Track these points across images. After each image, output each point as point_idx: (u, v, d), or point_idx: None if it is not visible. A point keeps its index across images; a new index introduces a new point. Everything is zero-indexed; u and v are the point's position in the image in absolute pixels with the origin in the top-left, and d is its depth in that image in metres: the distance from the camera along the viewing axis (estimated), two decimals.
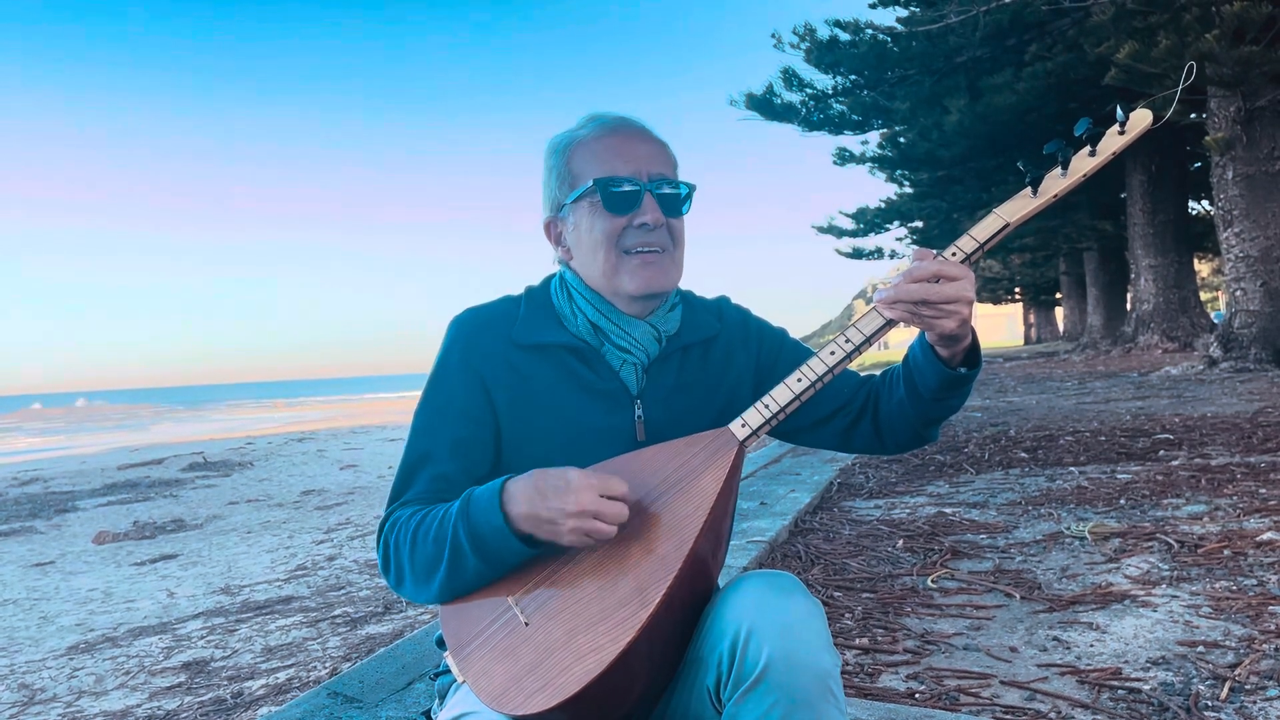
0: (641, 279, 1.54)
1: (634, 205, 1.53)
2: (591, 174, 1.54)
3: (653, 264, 1.55)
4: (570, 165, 1.58)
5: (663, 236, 1.56)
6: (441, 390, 1.56)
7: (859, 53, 20.00)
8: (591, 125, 1.60)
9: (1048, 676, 2.57)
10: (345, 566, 5.31)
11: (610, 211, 1.53)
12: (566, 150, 1.60)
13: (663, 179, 1.57)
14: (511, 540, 1.33)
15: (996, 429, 8.70)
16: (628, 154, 1.56)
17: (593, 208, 1.55)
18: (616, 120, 1.60)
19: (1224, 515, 4.36)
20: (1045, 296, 50.84)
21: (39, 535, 7.45)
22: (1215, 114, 14.95)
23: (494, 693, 1.28)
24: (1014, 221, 1.42)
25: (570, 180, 1.58)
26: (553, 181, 1.62)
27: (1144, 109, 1.43)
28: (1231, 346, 14.55)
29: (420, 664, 2.61)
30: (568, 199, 1.58)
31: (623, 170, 1.54)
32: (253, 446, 16.25)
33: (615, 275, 1.55)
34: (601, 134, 1.58)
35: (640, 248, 1.54)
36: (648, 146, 1.58)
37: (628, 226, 1.54)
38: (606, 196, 1.53)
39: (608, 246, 1.54)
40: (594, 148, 1.57)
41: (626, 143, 1.57)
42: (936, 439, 1.66)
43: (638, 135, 1.59)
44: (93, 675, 3.55)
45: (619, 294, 1.57)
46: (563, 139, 1.62)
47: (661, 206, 1.55)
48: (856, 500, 5.54)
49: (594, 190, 1.53)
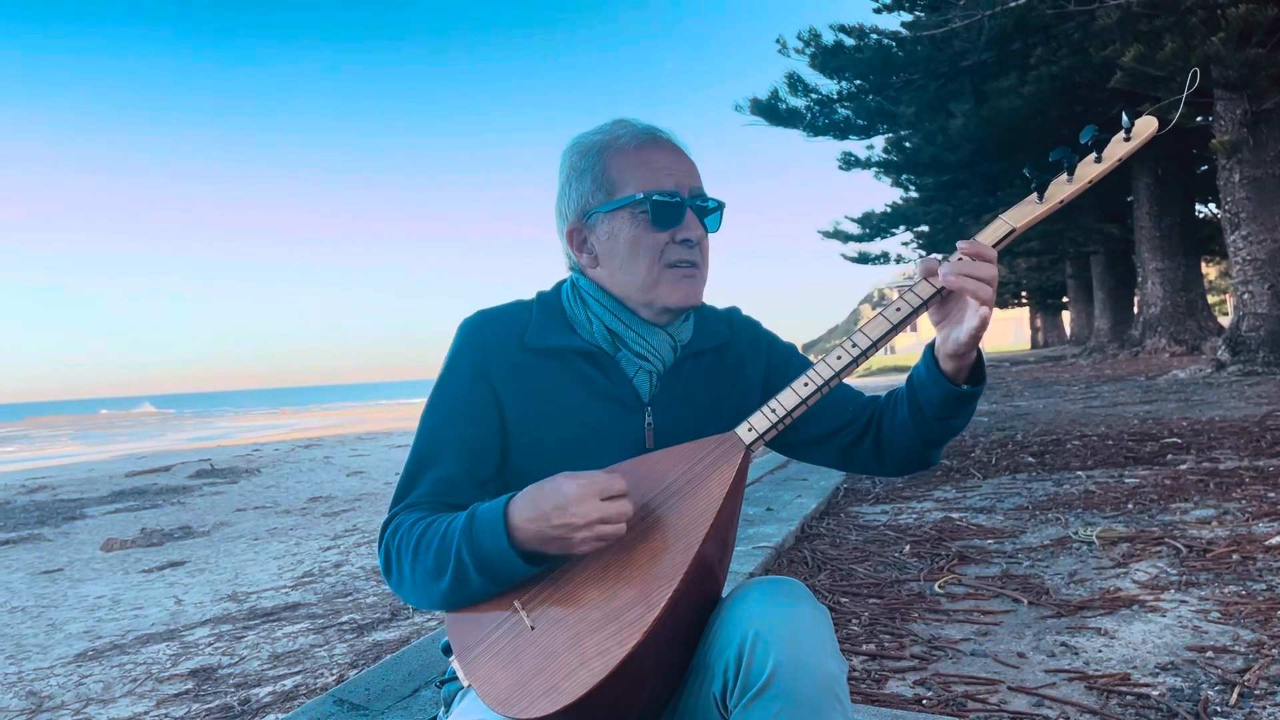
0: (682, 293, 1.54)
1: (678, 220, 1.53)
2: (636, 184, 1.53)
3: (692, 278, 1.55)
4: (609, 171, 1.55)
5: (699, 253, 1.56)
6: (449, 392, 1.55)
7: (864, 57, 20.03)
8: (628, 132, 1.57)
9: (1056, 682, 2.56)
10: (352, 573, 5.31)
11: (656, 226, 1.52)
12: (603, 154, 1.57)
13: (700, 194, 1.57)
14: (516, 561, 1.32)
15: (1003, 433, 8.68)
16: (670, 167, 1.55)
17: (635, 219, 1.53)
18: (653, 130, 1.59)
19: (1233, 519, 4.34)
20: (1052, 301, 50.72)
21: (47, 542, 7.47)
22: (1222, 117, 14.93)
23: (499, 697, 1.28)
24: (1020, 227, 1.43)
25: (609, 187, 1.55)
26: (584, 185, 1.58)
27: (1149, 116, 1.43)
28: (1239, 350, 14.51)
29: (426, 671, 2.61)
30: (601, 206, 1.56)
31: (667, 184, 1.53)
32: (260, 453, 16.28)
33: (655, 288, 1.54)
34: (642, 143, 1.56)
35: (681, 262, 1.54)
36: (685, 160, 1.58)
37: (670, 242, 1.53)
38: (655, 209, 1.52)
39: (651, 260, 1.53)
40: (635, 157, 1.55)
41: (667, 155, 1.56)
42: (937, 462, 1.65)
43: (675, 148, 1.59)
44: (100, 682, 3.56)
45: (652, 305, 1.56)
46: (595, 142, 1.59)
47: (700, 221, 1.56)
48: (863, 506, 5.53)
49: (643, 202, 1.52)
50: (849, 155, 25.37)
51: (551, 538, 1.30)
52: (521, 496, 1.35)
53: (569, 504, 1.28)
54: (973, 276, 1.37)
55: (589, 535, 1.29)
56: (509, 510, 1.34)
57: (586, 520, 1.27)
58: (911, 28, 20.24)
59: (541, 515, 1.30)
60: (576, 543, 1.29)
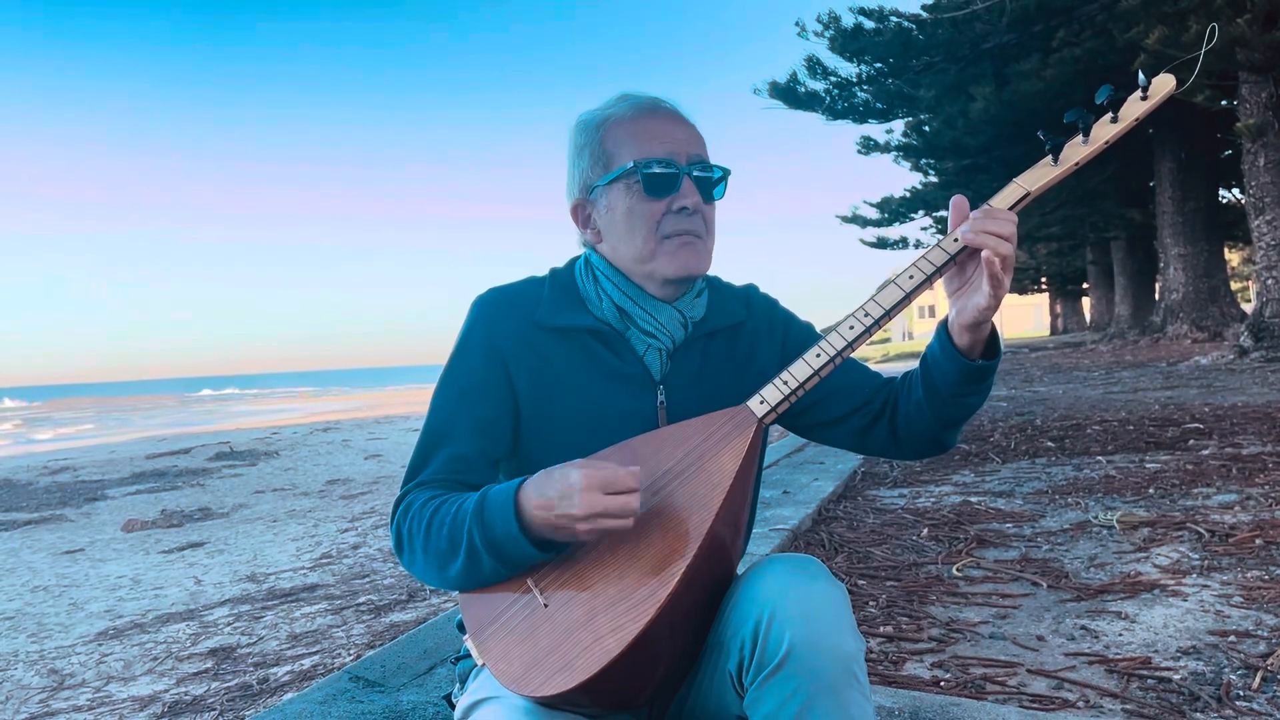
0: (679, 261, 1.51)
1: (673, 188, 1.51)
2: (629, 155, 1.51)
3: (690, 244, 1.52)
4: (605, 145, 1.54)
5: (698, 222, 1.53)
6: (462, 369, 1.55)
7: (884, 40, 19.84)
8: (626, 104, 1.56)
9: (1076, 665, 2.54)
10: (370, 555, 5.33)
11: (649, 195, 1.50)
12: (600, 129, 1.55)
13: (700, 161, 1.54)
14: (527, 546, 1.31)
15: (1023, 418, 8.62)
16: (665, 135, 1.52)
17: (629, 190, 1.51)
18: (652, 100, 1.57)
19: (1255, 505, 4.30)
20: (1072, 286, 50.30)
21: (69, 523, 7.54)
22: (1246, 100, 14.73)
23: (514, 675, 1.28)
24: (1034, 190, 1.40)
25: (605, 160, 1.54)
26: (584, 160, 1.57)
27: (1166, 74, 1.40)
28: (1263, 336, 14.35)
29: (442, 649, 2.62)
30: (600, 180, 1.55)
31: (660, 152, 1.51)
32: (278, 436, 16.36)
33: (653, 258, 1.52)
34: (638, 114, 1.54)
35: (678, 232, 1.51)
36: (685, 128, 1.55)
37: (667, 211, 1.51)
38: (647, 179, 1.50)
39: (647, 230, 1.51)
40: (630, 128, 1.53)
41: (664, 123, 1.54)
42: (953, 445, 1.62)
43: (674, 116, 1.56)
44: (121, 661, 3.59)
45: (653, 277, 1.54)
46: (594, 116, 1.57)
47: (699, 190, 1.53)
48: (881, 489, 5.51)
49: (634, 172, 1.50)
50: (868, 139, 25.20)
51: (555, 525, 1.29)
52: (532, 481, 1.33)
53: (572, 493, 1.26)
54: (993, 234, 1.34)
55: (589, 527, 1.27)
56: (520, 495, 1.33)
57: (586, 513, 1.26)
58: (932, 10, 20.02)
59: (547, 502, 1.29)
60: (579, 533, 1.28)
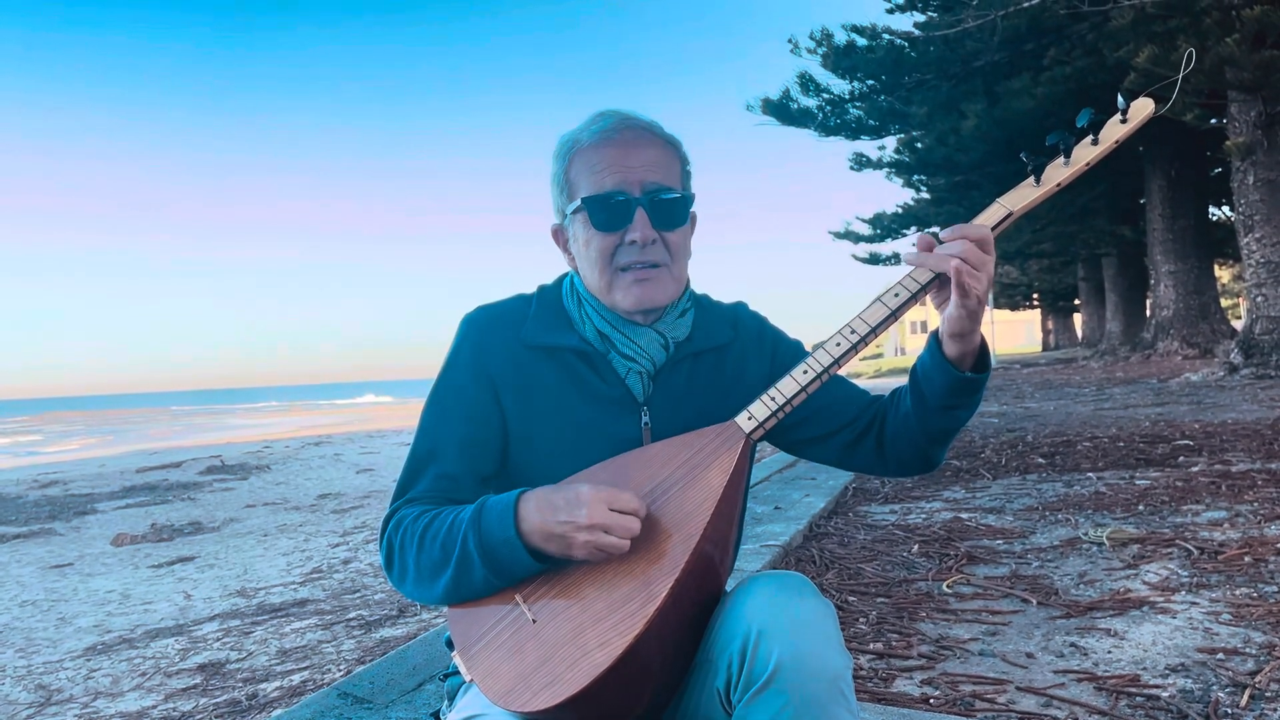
0: (634, 296, 1.50)
1: (625, 221, 1.49)
2: (586, 186, 1.50)
3: (647, 280, 1.50)
4: (569, 174, 1.54)
5: (658, 252, 1.51)
6: (450, 388, 1.55)
7: (876, 58, 19.96)
8: (591, 130, 1.53)
9: (1065, 683, 2.54)
10: (360, 570, 5.32)
11: (600, 230, 1.50)
12: (565, 157, 1.55)
13: (658, 189, 1.50)
14: (522, 553, 1.32)
15: (1013, 434, 8.64)
16: (620, 164, 1.49)
17: (585, 223, 1.51)
18: (617, 123, 1.52)
19: (1244, 521, 4.32)
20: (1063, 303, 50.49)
21: (58, 537, 7.50)
22: (1236, 119, 14.85)
23: (501, 691, 1.28)
24: (1017, 210, 1.42)
25: (569, 190, 1.54)
26: (554, 188, 1.58)
27: (1145, 97, 1.42)
28: (1253, 353, 14.42)
29: (430, 665, 2.61)
30: (568, 209, 1.55)
31: (611, 184, 1.48)
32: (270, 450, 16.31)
33: (610, 291, 1.52)
34: (599, 141, 1.51)
35: (635, 264, 1.50)
36: (645, 153, 1.51)
37: (620, 244, 1.50)
38: (594, 215, 1.49)
39: (602, 264, 1.51)
40: (589, 157, 1.51)
41: (622, 151, 1.50)
42: (940, 462, 1.61)
43: (635, 141, 1.51)
44: (109, 676, 3.57)
45: (616, 308, 1.54)
46: (565, 142, 1.56)
47: (655, 219, 1.49)
48: (872, 505, 5.51)
49: (581, 208, 1.50)
50: (861, 155, 25.30)
51: (554, 534, 1.30)
52: (534, 492, 1.35)
53: (580, 503, 1.28)
54: (967, 262, 1.33)
55: (589, 540, 1.28)
56: (520, 503, 1.34)
57: (591, 522, 1.27)
58: (924, 28, 20.18)
59: (551, 508, 1.30)
60: (577, 543, 1.29)
